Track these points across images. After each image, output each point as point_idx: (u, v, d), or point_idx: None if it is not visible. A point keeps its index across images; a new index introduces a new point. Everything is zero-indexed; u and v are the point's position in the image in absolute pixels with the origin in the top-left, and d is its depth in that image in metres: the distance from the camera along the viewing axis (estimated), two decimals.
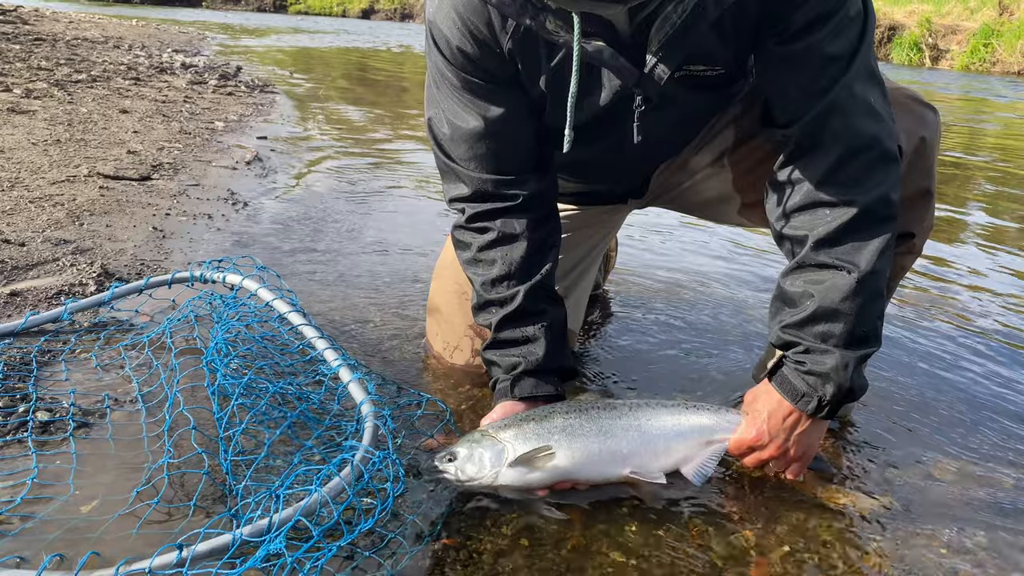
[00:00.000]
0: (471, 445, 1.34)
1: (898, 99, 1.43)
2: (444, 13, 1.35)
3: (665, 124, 1.46)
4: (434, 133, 1.50)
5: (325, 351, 1.65)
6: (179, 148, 3.86)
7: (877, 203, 1.30)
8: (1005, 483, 1.55)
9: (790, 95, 1.33)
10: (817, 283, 1.32)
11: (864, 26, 1.29)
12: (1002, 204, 4.16)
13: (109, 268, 2.22)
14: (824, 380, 1.32)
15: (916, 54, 19.44)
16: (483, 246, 1.51)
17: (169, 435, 1.41)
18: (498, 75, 1.39)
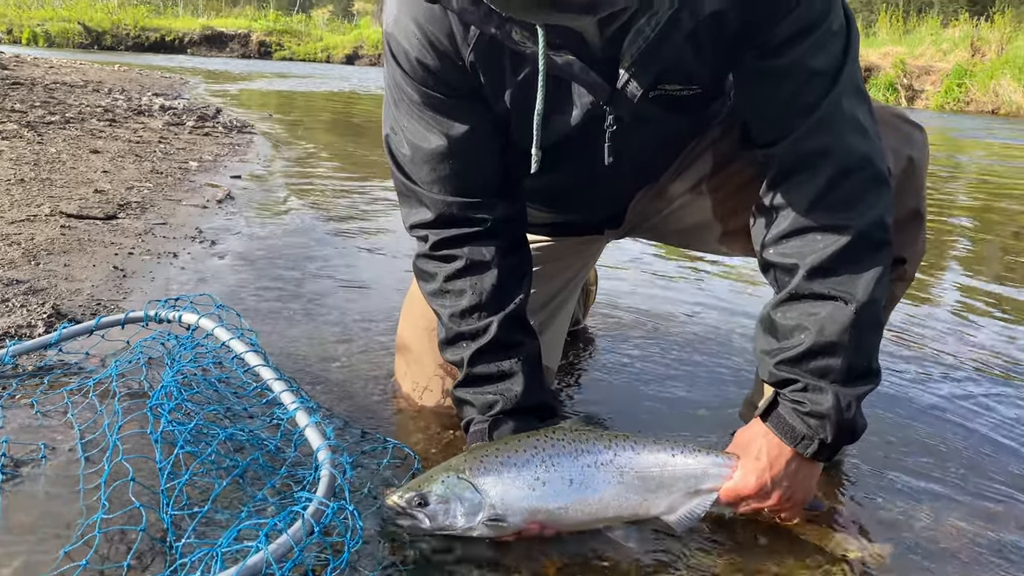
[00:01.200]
0: (445, 491, 1.22)
1: (884, 118, 1.36)
2: (403, 24, 1.27)
3: (639, 146, 1.38)
4: (393, 153, 1.41)
5: (282, 393, 1.53)
6: (149, 187, 3.76)
7: (872, 227, 1.22)
8: (1009, 525, 1.44)
9: (773, 113, 1.25)
10: (812, 315, 1.22)
11: (848, 40, 1.23)
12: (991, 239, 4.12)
13: (61, 309, 2.10)
14: (825, 421, 1.22)
15: (892, 94, 19.72)
16: (450, 275, 1.40)
17: (106, 487, 1.29)
18: (460, 89, 1.30)
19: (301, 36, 35.88)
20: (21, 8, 35.35)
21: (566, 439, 1.29)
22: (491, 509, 1.22)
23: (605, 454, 1.28)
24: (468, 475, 1.24)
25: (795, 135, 1.23)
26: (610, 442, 1.31)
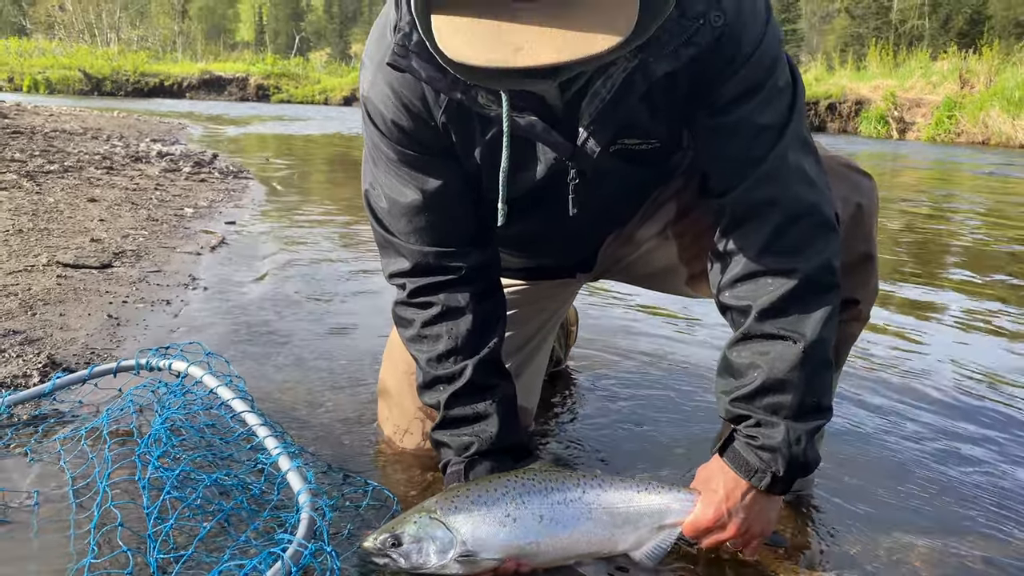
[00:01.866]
0: (417, 531, 1.28)
1: (833, 167, 1.43)
2: (378, 89, 1.35)
3: (603, 197, 1.45)
4: (372, 207, 1.49)
5: (266, 439, 1.59)
6: (144, 235, 3.84)
7: (819, 271, 1.29)
8: (975, 559, 1.49)
9: (724, 166, 1.33)
10: (764, 354, 1.29)
11: (794, 96, 1.30)
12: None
13: (56, 358, 2.17)
14: (776, 454, 1.28)
15: (883, 127, 19.96)
16: (427, 321, 1.47)
17: (96, 532, 1.34)
18: (433, 147, 1.38)
19: (299, 79, 36.28)
20: (23, 57, 35.85)
21: (536, 478, 1.36)
22: (462, 545, 1.27)
23: (574, 491, 1.35)
24: (439, 515, 1.30)
25: (744, 186, 1.30)
26: (579, 480, 1.37)
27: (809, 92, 22.23)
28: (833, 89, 22.25)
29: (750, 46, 1.25)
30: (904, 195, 7.62)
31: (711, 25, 1.20)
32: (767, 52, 1.26)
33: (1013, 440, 2.03)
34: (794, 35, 65.65)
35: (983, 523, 1.61)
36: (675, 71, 1.24)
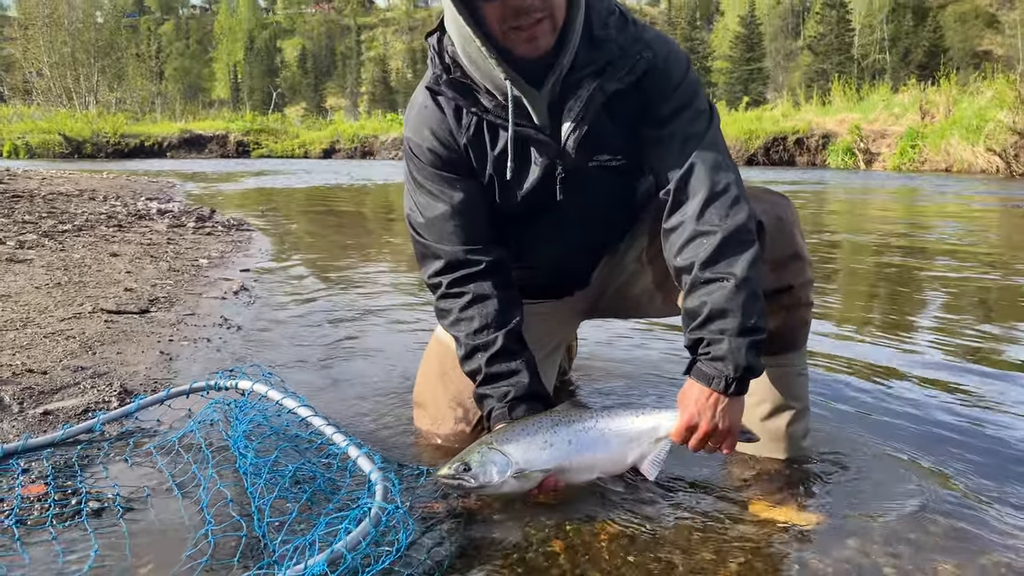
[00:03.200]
0: (481, 458, 1.66)
1: (756, 192, 1.89)
2: (418, 130, 1.87)
3: (586, 197, 1.89)
4: (413, 225, 1.93)
5: (334, 435, 1.91)
6: (171, 284, 4.16)
7: (736, 231, 1.70)
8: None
9: (665, 164, 1.78)
10: (708, 294, 1.69)
11: (711, 117, 1.80)
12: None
13: (127, 387, 2.48)
14: (725, 362, 1.66)
15: (851, 158, 20.68)
16: (462, 307, 1.88)
17: (208, 509, 1.66)
18: (458, 167, 1.85)
19: (278, 134, 36.79)
20: (1, 122, 36.15)
21: (563, 414, 1.77)
22: (516, 466, 1.66)
23: (591, 421, 1.76)
24: (496, 445, 1.69)
25: (678, 177, 1.75)
26: (593, 413, 1.79)
27: (777, 128, 23.08)
28: (800, 124, 23.04)
29: (678, 78, 1.79)
30: (880, 228, 8.05)
31: (644, 59, 1.75)
32: (689, 84, 1.79)
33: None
34: (760, 73, 67.35)
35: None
36: (623, 89, 1.75)
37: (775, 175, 17.33)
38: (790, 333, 1.94)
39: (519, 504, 1.77)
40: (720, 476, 1.97)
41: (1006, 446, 2.16)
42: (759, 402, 1.96)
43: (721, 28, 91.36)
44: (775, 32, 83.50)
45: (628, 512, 1.75)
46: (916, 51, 65.17)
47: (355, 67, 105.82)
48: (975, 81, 22.55)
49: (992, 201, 10.85)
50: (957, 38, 74.72)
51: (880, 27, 73.38)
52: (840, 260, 5.60)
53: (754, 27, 70.83)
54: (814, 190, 13.15)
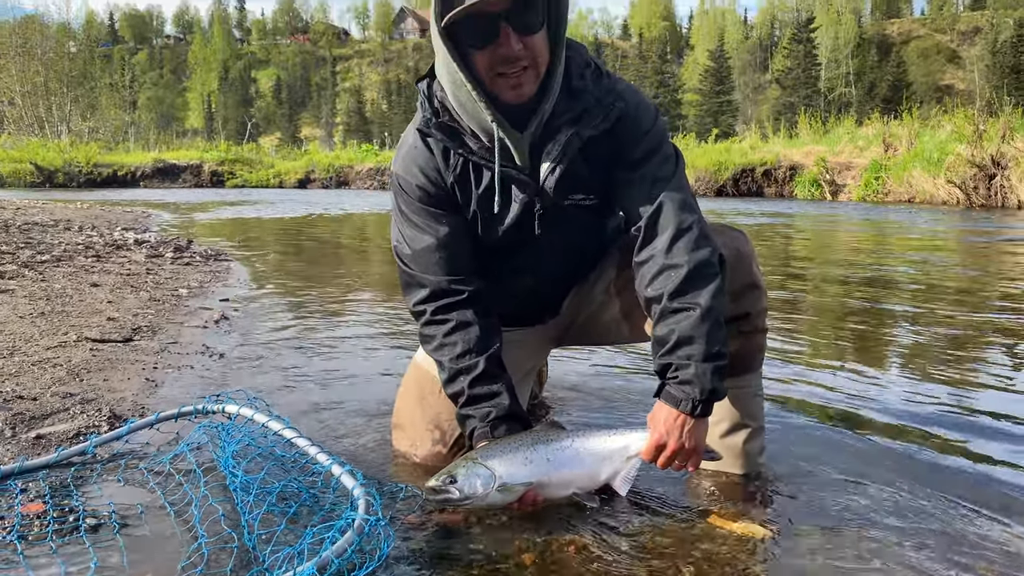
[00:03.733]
0: (467, 471, 1.79)
1: (716, 227, 2.05)
2: (405, 166, 2.01)
3: (561, 233, 2.04)
4: (399, 255, 2.07)
5: (318, 455, 2.03)
6: (152, 313, 4.25)
7: (701, 264, 1.86)
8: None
9: (636, 203, 1.94)
10: (675, 323, 1.84)
11: (677, 162, 1.97)
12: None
13: (116, 412, 2.57)
14: (692, 386, 1.81)
15: (817, 190, 21.15)
16: (446, 333, 2.01)
17: (201, 524, 1.76)
18: (444, 204, 2.00)
19: (253, 164, 36.84)
20: None
21: (542, 433, 1.92)
22: (499, 480, 1.79)
23: (567, 440, 1.90)
24: (481, 460, 1.82)
25: (648, 215, 1.91)
26: (569, 433, 1.93)
27: (745, 160, 23.56)
28: (768, 156, 23.54)
29: (647, 126, 1.95)
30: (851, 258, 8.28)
31: (617, 108, 1.92)
32: (657, 132, 1.96)
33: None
34: (729, 106, 68.53)
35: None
36: (597, 136, 1.92)
37: (744, 206, 17.69)
38: (747, 357, 2.10)
39: (493, 518, 1.89)
40: (683, 490, 2.11)
41: (952, 464, 2.31)
42: (718, 420, 2.10)
43: (691, 62, 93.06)
44: (744, 66, 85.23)
45: (597, 525, 1.88)
46: (881, 85, 66.81)
47: (330, 97, 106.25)
48: (936, 115, 23.21)
49: (953, 233, 11.19)
50: (920, 72, 76.79)
51: (846, 62, 75.24)
52: (807, 289, 5.80)
53: (723, 61, 72.20)
54: (784, 222, 13.46)
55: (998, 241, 9.74)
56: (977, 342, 3.94)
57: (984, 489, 2.11)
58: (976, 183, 16.41)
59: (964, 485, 2.13)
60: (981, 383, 3.19)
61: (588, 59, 1.97)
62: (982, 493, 2.08)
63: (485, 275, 2.08)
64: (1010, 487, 2.13)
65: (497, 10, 1.73)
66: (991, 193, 16.19)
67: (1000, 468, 2.27)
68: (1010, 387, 3.13)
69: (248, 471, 2.02)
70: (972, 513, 1.96)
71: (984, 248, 8.96)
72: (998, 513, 1.96)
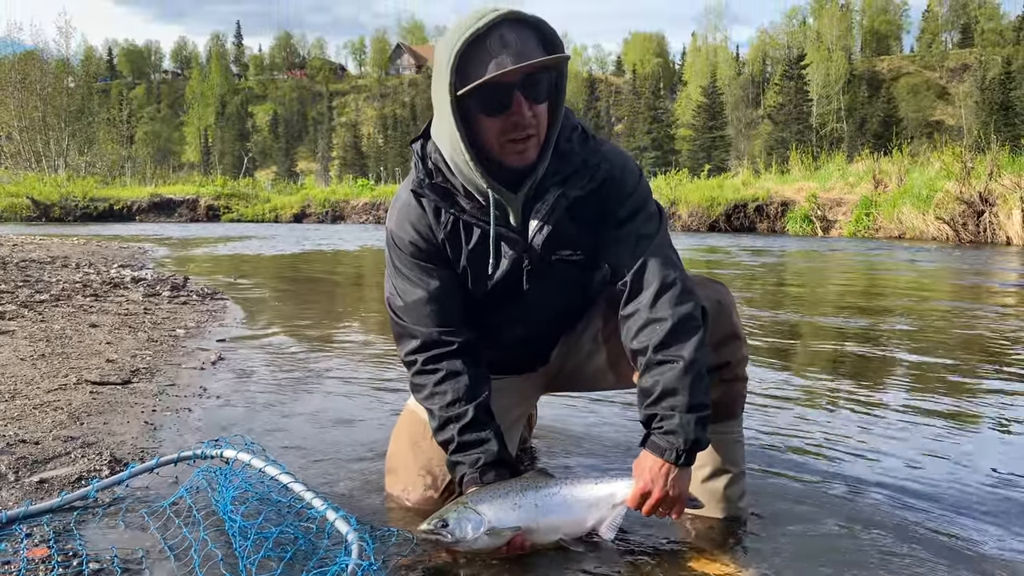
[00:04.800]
0: (457, 515, 1.88)
1: (698, 279, 2.16)
2: (399, 223, 2.11)
3: (549, 287, 2.14)
4: (392, 307, 2.16)
5: (313, 500, 2.10)
6: (150, 355, 4.32)
7: (685, 318, 1.96)
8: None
9: (622, 259, 2.04)
10: (660, 375, 1.94)
11: (660, 219, 2.08)
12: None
13: (116, 456, 2.64)
14: (676, 436, 1.91)
15: (809, 226, 21.37)
16: (436, 382, 2.10)
17: (200, 568, 1.83)
18: (435, 259, 2.09)
19: (249, 198, 37.03)
20: None
21: (531, 480, 2.00)
22: (488, 524, 1.87)
23: (555, 487, 1.98)
24: (471, 504, 1.91)
25: (634, 270, 2.01)
26: (557, 480, 2.02)
27: (738, 196, 23.82)
28: (760, 192, 23.80)
29: (631, 187, 2.06)
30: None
31: (602, 170, 2.02)
32: (641, 192, 2.07)
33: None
34: (722, 141, 69.25)
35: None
36: (583, 197, 2.03)
37: (737, 241, 17.85)
38: (729, 404, 2.19)
39: (481, 560, 1.96)
40: (666, 535, 2.17)
41: (940, 514, 2.37)
42: (700, 465, 2.18)
43: (684, 97, 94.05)
44: (736, 101, 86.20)
45: (583, 567, 1.95)
46: (872, 121, 67.65)
47: (326, 132, 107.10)
48: (926, 152, 23.54)
49: (944, 273, 11.32)
50: (910, 108, 77.77)
51: (837, 98, 76.17)
52: (797, 333, 5.89)
53: (716, 97, 73.05)
54: (776, 260, 13.58)
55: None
56: (972, 386, 4.03)
57: (972, 541, 2.17)
58: (965, 219, 16.64)
59: (952, 536, 2.20)
60: (973, 426, 3.27)
61: (575, 122, 2.09)
62: (971, 545, 2.14)
63: (475, 326, 2.18)
64: (997, 541, 2.20)
65: (512, 80, 1.85)
66: (980, 229, 16.41)
67: (987, 519, 2.34)
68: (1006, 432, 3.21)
69: (246, 516, 2.10)
70: (957, 564, 2.01)
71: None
72: (984, 563, 2.03)
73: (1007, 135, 25.08)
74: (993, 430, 3.23)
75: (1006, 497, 2.47)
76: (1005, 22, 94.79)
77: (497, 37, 1.82)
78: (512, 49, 1.82)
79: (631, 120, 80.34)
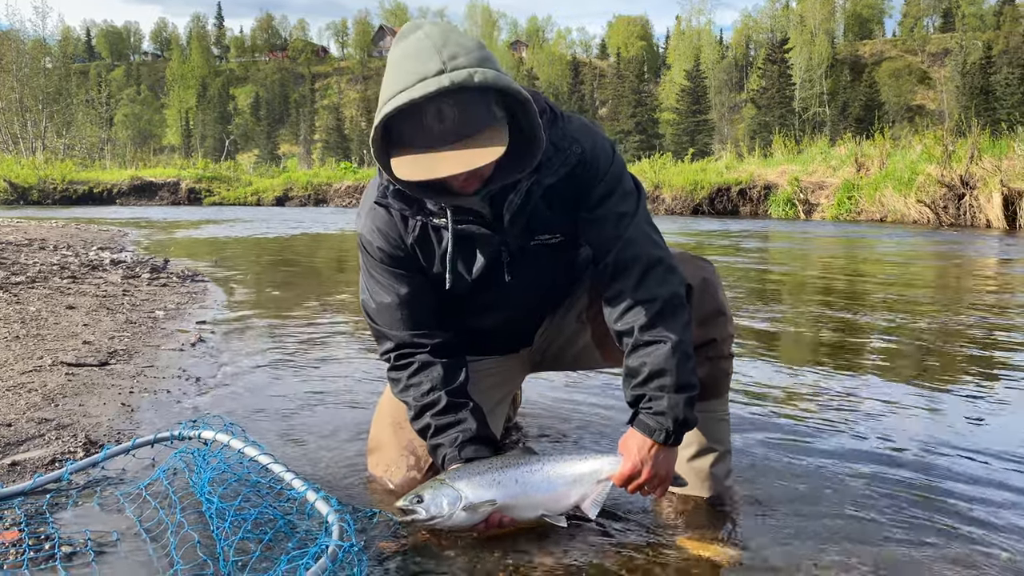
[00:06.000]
0: (433, 491, 1.85)
1: (683, 256, 2.13)
2: (368, 227, 2.05)
3: (531, 275, 2.10)
4: (365, 308, 2.14)
5: (293, 480, 2.06)
6: (128, 336, 4.25)
7: (672, 297, 1.94)
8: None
9: (602, 241, 2.00)
10: (647, 356, 1.91)
11: (639, 196, 2.02)
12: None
13: (92, 438, 2.59)
14: (665, 416, 1.89)
15: (791, 209, 21.41)
16: (410, 375, 2.08)
17: (177, 551, 1.79)
18: (405, 264, 2.05)
19: (231, 181, 36.65)
20: None
21: (512, 457, 1.97)
22: (465, 500, 1.85)
23: (537, 464, 1.95)
24: (448, 481, 1.88)
25: (615, 251, 1.97)
26: (540, 456, 1.99)
27: (721, 179, 23.83)
28: (743, 176, 23.83)
29: (604, 167, 1.98)
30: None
31: (574, 153, 1.95)
32: (616, 169, 2.00)
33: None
34: (705, 125, 69.37)
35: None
36: (557, 183, 1.96)
37: (721, 225, 17.88)
38: (714, 382, 2.16)
39: (464, 540, 1.93)
40: (651, 513, 2.16)
41: (926, 484, 2.37)
42: (686, 444, 2.16)
43: (668, 81, 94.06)
44: (720, 85, 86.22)
45: (567, 547, 1.92)
46: (854, 105, 67.88)
47: (309, 115, 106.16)
48: (907, 135, 23.63)
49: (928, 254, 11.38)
50: (892, 93, 78.10)
51: (819, 82, 76.33)
52: (783, 306, 5.90)
53: (699, 80, 73.09)
54: (759, 245, 13.61)
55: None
56: (955, 361, 4.03)
57: (961, 513, 2.16)
58: (946, 203, 16.71)
59: (940, 510, 2.19)
60: (955, 404, 3.27)
61: (543, 104, 1.99)
62: (959, 517, 2.13)
63: (451, 324, 2.14)
64: (980, 508, 2.20)
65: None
66: (960, 212, 16.50)
67: (973, 491, 2.33)
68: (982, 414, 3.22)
69: (224, 497, 2.06)
70: (946, 537, 2.00)
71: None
72: (975, 537, 2.02)
73: (987, 119, 25.20)
74: (988, 407, 3.23)
75: (1001, 480, 2.45)
76: (986, 7, 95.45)
77: (434, 111, 1.66)
78: (449, 124, 1.67)
79: (615, 103, 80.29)
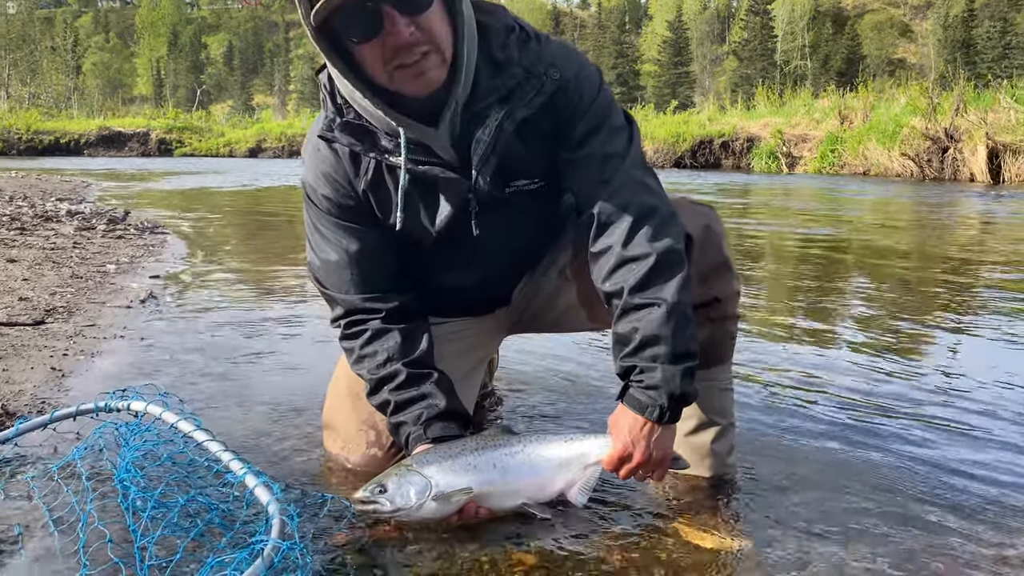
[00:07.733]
0: (399, 479, 1.57)
1: (681, 203, 1.82)
2: (313, 172, 1.73)
3: (504, 224, 1.77)
4: (312, 269, 1.84)
5: (231, 462, 1.77)
6: (72, 292, 3.92)
7: (666, 252, 1.63)
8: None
9: (586, 187, 1.69)
10: (639, 320, 1.61)
11: (630, 134, 1.70)
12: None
13: (9, 408, 2.28)
14: (660, 391, 1.60)
15: (774, 162, 21.18)
16: (363, 344, 1.79)
17: (84, 551, 1.50)
18: (355, 216, 1.74)
19: (202, 132, 35.90)
20: None
21: (489, 437, 1.69)
22: (436, 488, 1.57)
23: (518, 446, 1.68)
24: (415, 467, 1.59)
25: (603, 198, 1.66)
26: (520, 438, 1.71)
27: (703, 132, 23.51)
28: (725, 128, 23.51)
29: (589, 98, 1.67)
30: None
31: (551, 79, 1.63)
32: (602, 102, 1.69)
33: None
34: (687, 77, 68.77)
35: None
36: (533, 115, 1.64)
37: (702, 180, 17.61)
38: (716, 347, 1.88)
39: (432, 532, 1.66)
40: (646, 497, 1.90)
41: (930, 461, 2.14)
42: (684, 417, 1.87)
43: (649, 32, 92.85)
44: (702, 37, 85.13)
45: (549, 540, 1.66)
46: (835, 58, 67.47)
47: (283, 64, 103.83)
48: (890, 88, 23.36)
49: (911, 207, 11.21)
50: (873, 46, 77.58)
51: (801, 34, 75.61)
52: (767, 265, 5.66)
53: (681, 32, 72.23)
54: (741, 199, 13.39)
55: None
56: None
57: (966, 494, 1.93)
58: (930, 156, 16.52)
59: (944, 491, 1.95)
60: (949, 373, 3.04)
61: (510, 22, 1.67)
62: (964, 498, 1.91)
63: (414, 285, 1.86)
64: (990, 490, 1.96)
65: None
66: (944, 166, 16.32)
67: (978, 470, 2.10)
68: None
69: (151, 479, 1.77)
70: (952, 521, 1.78)
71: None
72: (979, 519, 1.79)
73: (969, 73, 24.92)
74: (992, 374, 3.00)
75: (1012, 462, 2.22)
76: None
77: None
78: None
79: (596, 54, 79.08)
